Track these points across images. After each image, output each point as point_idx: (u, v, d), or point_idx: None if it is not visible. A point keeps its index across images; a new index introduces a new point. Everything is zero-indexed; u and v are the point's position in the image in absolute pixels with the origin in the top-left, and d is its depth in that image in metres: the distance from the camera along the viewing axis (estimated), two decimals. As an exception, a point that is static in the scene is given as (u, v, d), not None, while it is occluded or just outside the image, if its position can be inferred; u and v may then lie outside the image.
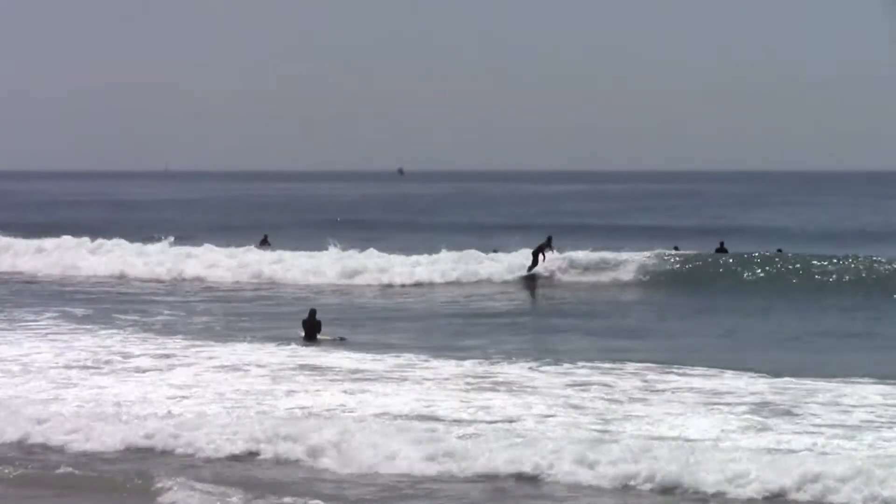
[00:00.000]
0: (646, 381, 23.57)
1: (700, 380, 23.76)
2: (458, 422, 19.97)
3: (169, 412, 20.50)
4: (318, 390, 23.06)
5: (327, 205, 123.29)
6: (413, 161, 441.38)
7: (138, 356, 27.21)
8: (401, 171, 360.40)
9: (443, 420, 20.17)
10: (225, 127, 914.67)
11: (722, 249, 50.23)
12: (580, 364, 25.46)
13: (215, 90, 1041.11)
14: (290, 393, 22.75)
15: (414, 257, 47.96)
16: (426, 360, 26.27)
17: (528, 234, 53.85)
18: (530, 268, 45.74)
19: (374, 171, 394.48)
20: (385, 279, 45.74)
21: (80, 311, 35.83)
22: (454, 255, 47.93)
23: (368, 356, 27.27)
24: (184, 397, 22.25)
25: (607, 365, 25.32)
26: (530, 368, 25.23)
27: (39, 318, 34.03)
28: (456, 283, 45.16)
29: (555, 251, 46.41)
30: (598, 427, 19.51)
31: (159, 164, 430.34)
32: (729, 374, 24.21)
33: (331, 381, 24.12)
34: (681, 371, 24.64)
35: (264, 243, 65.20)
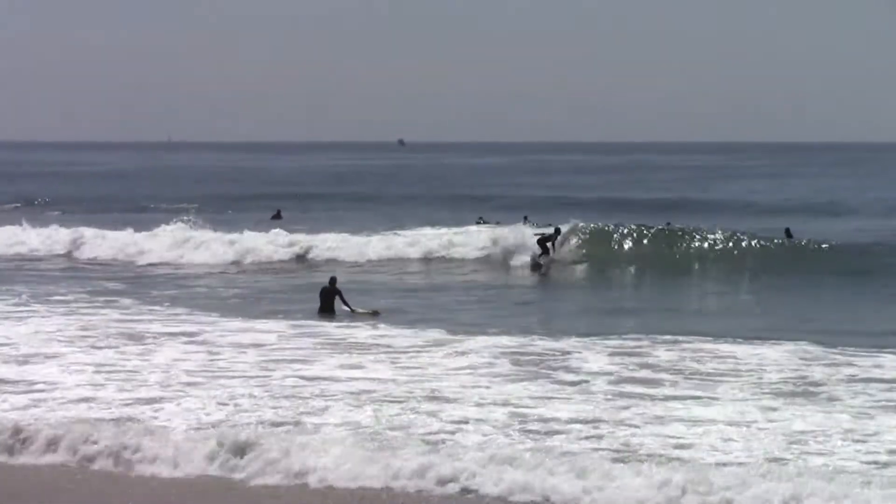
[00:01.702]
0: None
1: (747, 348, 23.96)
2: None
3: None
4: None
5: (329, 177, 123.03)
6: (415, 132, 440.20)
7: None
8: (401, 142, 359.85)
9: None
10: (227, 98, 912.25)
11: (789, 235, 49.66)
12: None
13: (218, 61, 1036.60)
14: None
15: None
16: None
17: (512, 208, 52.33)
18: (541, 255, 43.50)
19: (375, 141, 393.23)
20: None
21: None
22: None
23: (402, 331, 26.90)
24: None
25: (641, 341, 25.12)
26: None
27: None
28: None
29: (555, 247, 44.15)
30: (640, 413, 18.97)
31: (162, 135, 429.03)
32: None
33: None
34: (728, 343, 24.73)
35: (277, 217, 65.59)
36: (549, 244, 43.74)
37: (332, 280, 30.64)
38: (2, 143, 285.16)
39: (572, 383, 21.00)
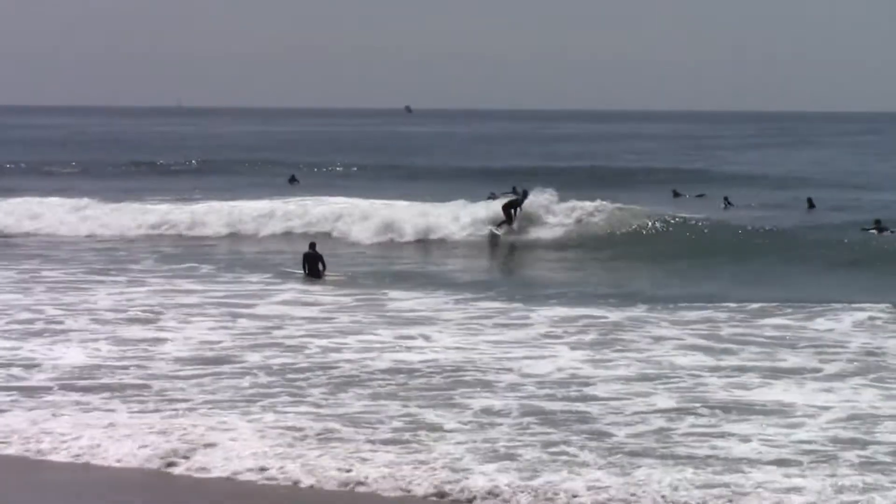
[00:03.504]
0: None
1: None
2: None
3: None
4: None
5: (326, 144, 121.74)
6: (423, 99, 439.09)
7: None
8: (408, 109, 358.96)
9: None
10: (236, 64, 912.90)
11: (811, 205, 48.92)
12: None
13: (226, 27, 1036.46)
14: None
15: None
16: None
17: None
18: (500, 225, 40.62)
19: (382, 108, 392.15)
20: None
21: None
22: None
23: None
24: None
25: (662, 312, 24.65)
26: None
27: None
28: None
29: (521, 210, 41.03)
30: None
31: (171, 100, 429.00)
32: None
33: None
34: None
35: (293, 181, 65.09)
36: (513, 210, 40.75)
37: (312, 245, 31.67)
38: (11, 108, 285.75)
39: (639, 350, 20.74)
